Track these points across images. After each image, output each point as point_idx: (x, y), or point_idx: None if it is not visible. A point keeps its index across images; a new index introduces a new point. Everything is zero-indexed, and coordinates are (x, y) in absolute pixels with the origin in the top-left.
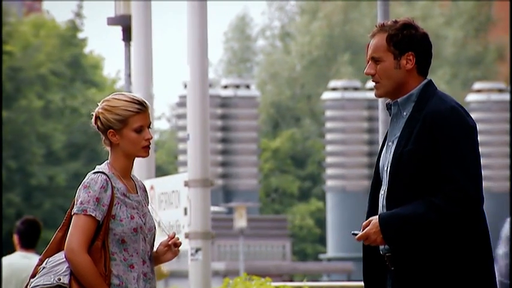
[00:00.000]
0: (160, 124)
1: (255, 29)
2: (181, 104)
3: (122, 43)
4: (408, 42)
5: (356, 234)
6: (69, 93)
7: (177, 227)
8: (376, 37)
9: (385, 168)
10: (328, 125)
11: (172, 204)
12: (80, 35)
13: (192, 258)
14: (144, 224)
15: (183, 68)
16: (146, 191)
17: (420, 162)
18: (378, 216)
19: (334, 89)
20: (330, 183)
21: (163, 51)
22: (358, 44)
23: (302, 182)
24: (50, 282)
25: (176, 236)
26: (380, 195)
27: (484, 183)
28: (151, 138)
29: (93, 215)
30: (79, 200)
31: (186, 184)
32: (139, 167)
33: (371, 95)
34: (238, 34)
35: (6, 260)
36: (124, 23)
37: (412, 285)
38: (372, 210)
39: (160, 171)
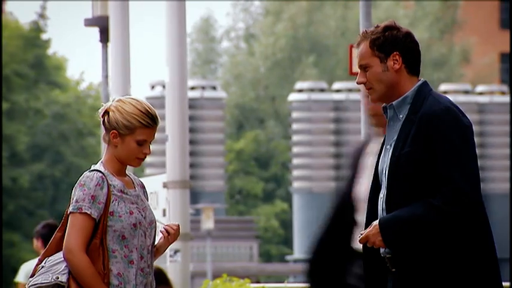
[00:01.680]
0: None
1: (219, 31)
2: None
3: (88, 44)
4: (391, 43)
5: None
6: (33, 95)
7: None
8: (360, 45)
9: (384, 172)
10: (295, 126)
11: (151, 206)
12: (44, 36)
13: (171, 260)
14: (144, 218)
15: (159, 69)
16: (144, 187)
17: (418, 164)
18: (378, 219)
19: (300, 91)
20: (296, 184)
21: (140, 52)
22: (322, 46)
23: (266, 184)
24: (47, 281)
25: (171, 224)
26: (379, 198)
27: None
28: (149, 154)
29: (89, 212)
30: (74, 199)
31: (165, 185)
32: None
33: (338, 96)
34: (203, 36)
35: (29, 265)
36: (101, 24)
37: (414, 286)
38: (372, 213)
39: None
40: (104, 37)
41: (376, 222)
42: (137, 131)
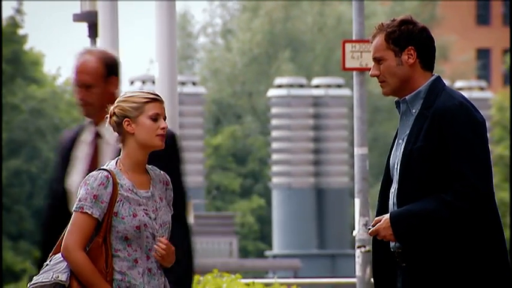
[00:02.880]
0: None
1: (196, 26)
2: None
3: (65, 39)
4: (407, 37)
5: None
6: (9, 90)
7: None
8: (375, 38)
9: (396, 166)
10: (274, 122)
11: None
12: (21, 32)
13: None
14: (154, 219)
15: (138, 65)
16: (168, 184)
17: (430, 159)
18: (389, 213)
19: (279, 86)
20: (275, 180)
21: (129, 47)
22: (299, 41)
23: (243, 179)
24: (47, 280)
25: (162, 246)
26: (390, 192)
27: None
28: (167, 127)
29: (89, 212)
30: (78, 197)
31: None
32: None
33: (317, 92)
34: (179, 31)
35: None
36: (90, 20)
37: (424, 281)
38: (382, 207)
39: None
40: (93, 32)
41: (387, 216)
42: (146, 107)
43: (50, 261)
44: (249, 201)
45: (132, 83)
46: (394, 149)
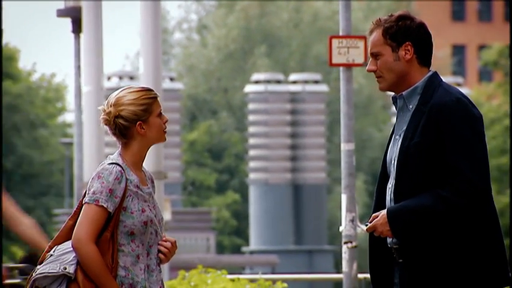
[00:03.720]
0: None
1: (172, 22)
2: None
3: (40, 35)
4: (404, 33)
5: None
6: None
7: None
8: (373, 33)
9: (393, 162)
10: (251, 117)
11: None
12: None
13: None
14: (155, 216)
15: (113, 60)
16: (153, 182)
17: (427, 155)
18: (386, 209)
19: (256, 82)
20: (252, 176)
21: (113, 42)
22: (274, 37)
23: (219, 175)
24: (55, 271)
25: (173, 246)
26: (387, 188)
27: None
28: (168, 120)
29: (105, 206)
30: (91, 190)
31: None
32: (90, 161)
33: (294, 87)
34: None
35: None
36: (74, 15)
37: (421, 277)
38: (379, 203)
39: None
40: (76, 28)
41: (384, 212)
42: (153, 106)
43: (53, 251)
44: (224, 197)
45: (109, 78)
46: (391, 144)
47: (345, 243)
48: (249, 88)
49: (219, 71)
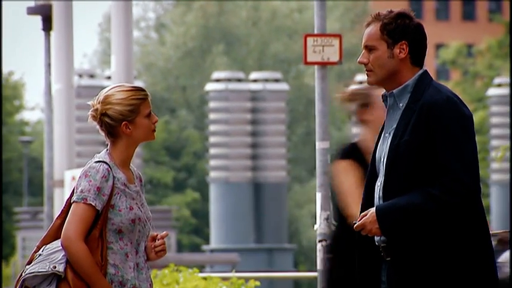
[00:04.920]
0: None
1: None
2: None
3: (8, 33)
4: (402, 31)
5: (355, 223)
6: None
7: None
8: (370, 26)
9: (382, 160)
10: (211, 116)
11: None
12: None
13: None
14: (143, 214)
15: (80, 57)
16: (142, 181)
17: (417, 153)
18: (375, 207)
19: (217, 80)
20: (212, 174)
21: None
22: (233, 35)
23: (177, 173)
24: (45, 270)
25: (163, 240)
26: (376, 186)
27: None
28: (157, 120)
29: (93, 204)
30: (79, 188)
31: None
32: (60, 159)
33: (255, 86)
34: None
35: None
36: (44, 13)
37: (408, 275)
38: (368, 201)
39: (36, 163)
40: (47, 25)
41: (373, 210)
42: (141, 107)
43: (42, 251)
44: (183, 195)
45: (80, 76)
46: (380, 142)
47: (320, 241)
48: (209, 86)
49: (177, 69)
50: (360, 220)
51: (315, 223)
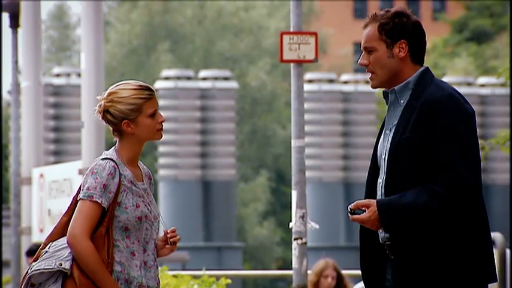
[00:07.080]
0: None
1: (73, 18)
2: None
3: None
4: (400, 30)
5: (352, 211)
6: None
7: None
8: (368, 27)
9: (383, 157)
10: (161, 114)
11: (64, 192)
12: None
13: None
14: (150, 212)
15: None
16: (151, 179)
17: (418, 150)
18: (376, 201)
19: (166, 78)
20: (162, 172)
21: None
22: (178, 33)
23: None
24: (51, 267)
25: (175, 232)
26: (378, 183)
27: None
28: (164, 120)
29: (99, 201)
30: (86, 186)
31: (81, 172)
32: (28, 156)
33: (204, 84)
34: (57, 23)
35: None
36: (12, 10)
37: (413, 273)
38: (369, 198)
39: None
40: (14, 22)
41: (373, 205)
42: (143, 107)
43: (48, 248)
44: None
45: (57, 75)
46: (381, 139)
47: (295, 239)
48: (158, 84)
49: (122, 67)
50: (357, 208)
51: (291, 221)
